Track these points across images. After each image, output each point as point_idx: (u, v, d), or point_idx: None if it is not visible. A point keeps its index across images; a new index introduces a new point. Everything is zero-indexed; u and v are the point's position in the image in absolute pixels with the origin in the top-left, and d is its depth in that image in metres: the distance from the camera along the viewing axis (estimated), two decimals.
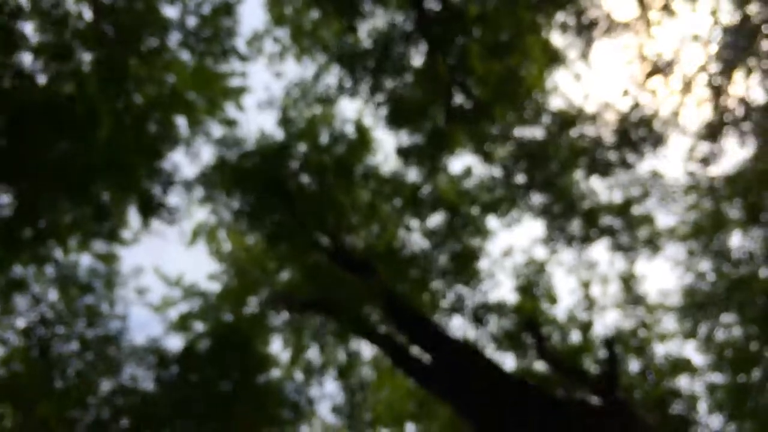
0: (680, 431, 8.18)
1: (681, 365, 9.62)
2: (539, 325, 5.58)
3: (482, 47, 7.13)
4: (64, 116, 6.06)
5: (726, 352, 10.34)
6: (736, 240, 10.33)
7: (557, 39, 8.39)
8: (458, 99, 8.02)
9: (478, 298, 8.37)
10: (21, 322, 8.38)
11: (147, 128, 7.56)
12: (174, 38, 9.82)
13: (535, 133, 8.98)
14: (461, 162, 22.43)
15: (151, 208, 10.45)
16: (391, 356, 6.80)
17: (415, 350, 7.37)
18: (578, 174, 9.77)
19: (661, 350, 9.70)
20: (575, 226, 9.93)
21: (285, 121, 9.55)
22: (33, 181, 6.74)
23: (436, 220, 10.27)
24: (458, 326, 8.06)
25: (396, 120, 8.31)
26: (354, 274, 7.49)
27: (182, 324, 10.87)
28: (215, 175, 9.02)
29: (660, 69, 10.57)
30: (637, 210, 9.96)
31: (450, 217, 9.96)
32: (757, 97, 10.10)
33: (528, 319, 5.88)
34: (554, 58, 8.22)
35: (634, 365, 9.55)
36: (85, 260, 12.32)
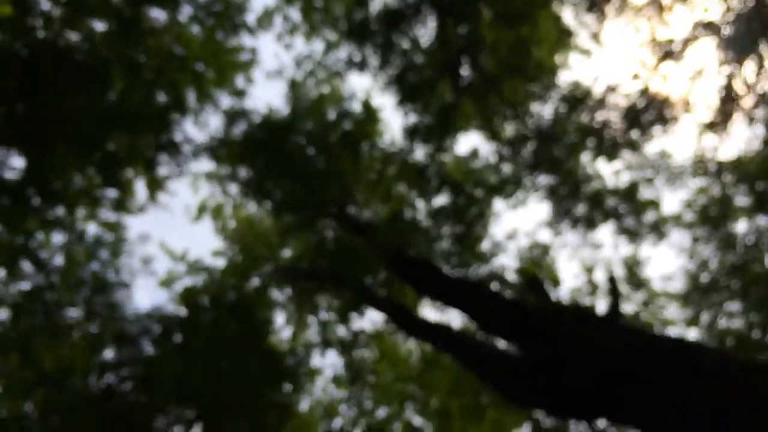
0: None
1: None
2: (542, 281, 5.59)
3: (493, 15, 7.11)
4: (75, 74, 6.10)
5: (728, 340, 10.33)
6: (742, 227, 10.30)
7: (568, 16, 8.37)
8: (467, 73, 8.01)
9: (483, 269, 8.39)
10: (27, 286, 8.47)
11: (156, 95, 7.61)
12: (185, 12, 9.89)
13: (543, 111, 8.97)
14: (468, 142, 22.58)
15: (157, 183, 10.54)
16: (395, 320, 6.82)
17: (424, 303, 7.44)
18: (585, 156, 9.75)
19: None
20: (580, 208, 9.92)
21: (293, 98, 9.57)
22: (43, 140, 6.81)
23: (441, 200, 10.29)
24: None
25: (404, 94, 8.31)
26: (359, 237, 7.51)
27: (186, 297, 10.97)
28: (222, 148, 9.06)
29: (671, 54, 10.53)
30: (643, 194, 9.94)
31: (455, 197, 9.97)
32: None
33: (531, 278, 5.87)
34: (565, 33, 8.19)
35: None
36: (92, 229, 12.41)
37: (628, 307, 9.78)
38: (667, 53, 10.55)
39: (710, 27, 10.72)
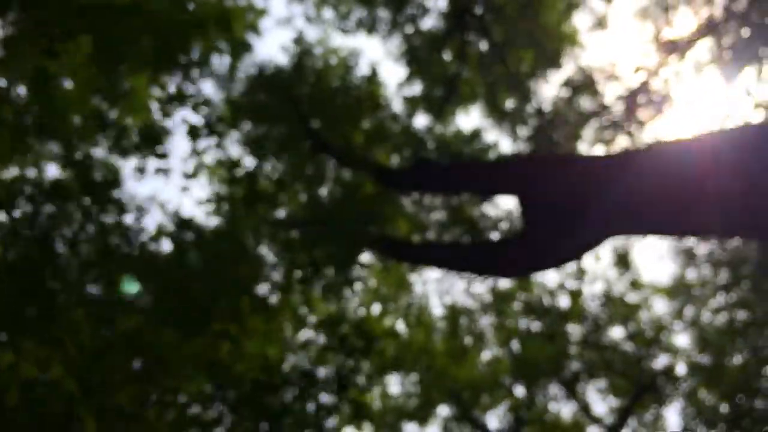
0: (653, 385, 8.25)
1: (665, 326, 9.72)
2: None
3: None
4: None
5: (710, 335, 10.42)
6: None
7: None
8: (474, 37, 8.10)
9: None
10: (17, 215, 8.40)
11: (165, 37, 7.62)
12: None
13: (545, 91, 9.09)
14: (470, 121, 22.80)
15: (155, 138, 10.54)
16: (391, 253, 6.80)
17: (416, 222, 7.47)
18: (583, 140, 9.87)
19: (647, 315, 9.77)
20: None
21: (298, 54, 9.62)
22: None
23: None
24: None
25: (410, 57, 8.39)
26: (353, 168, 7.51)
27: (176, 252, 10.92)
28: (224, 98, 9.08)
29: (674, 51, 10.75)
30: None
31: None
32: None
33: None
34: (573, 5, 8.34)
35: (620, 330, 9.62)
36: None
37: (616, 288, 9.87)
38: (670, 50, 10.77)
39: (714, 29, 10.96)
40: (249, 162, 10.52)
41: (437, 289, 8.90)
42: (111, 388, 5.79)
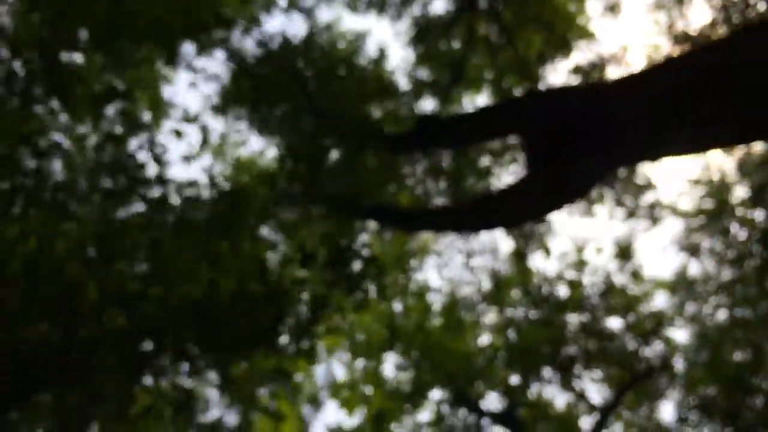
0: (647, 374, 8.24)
1: (665, 318, 9.68)
2: None
3: None
4: None
5: (711, 330, 10.35)
6: (738, 221, 10.31)
7: None
8: (484, 24, 8.02)
9: None
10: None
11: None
12: None
13: (556, 75, 9.00)
14: (477, 104, 22.57)
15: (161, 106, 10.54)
16: (398, 224, 6.75)
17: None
18: None
19: (646, 308, 9.72)
20: None
21: (307, 30, 9.59)
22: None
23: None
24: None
25: (419, 39, 8.34)
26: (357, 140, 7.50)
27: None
28: (233, 84, 9.08)
29: (686, 41, 10.61)
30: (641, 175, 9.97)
31: (455, 157, 9.97)
32: None
33: None
34: None
35: (618, 321, 9.58)
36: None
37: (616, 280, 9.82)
38: (682, 41, 10.63)
39: (727, 21, 10.79)
40: (254, 139, 10.54)
41: (436, 265, 8.90)
42: (114, 270, 5.82)
